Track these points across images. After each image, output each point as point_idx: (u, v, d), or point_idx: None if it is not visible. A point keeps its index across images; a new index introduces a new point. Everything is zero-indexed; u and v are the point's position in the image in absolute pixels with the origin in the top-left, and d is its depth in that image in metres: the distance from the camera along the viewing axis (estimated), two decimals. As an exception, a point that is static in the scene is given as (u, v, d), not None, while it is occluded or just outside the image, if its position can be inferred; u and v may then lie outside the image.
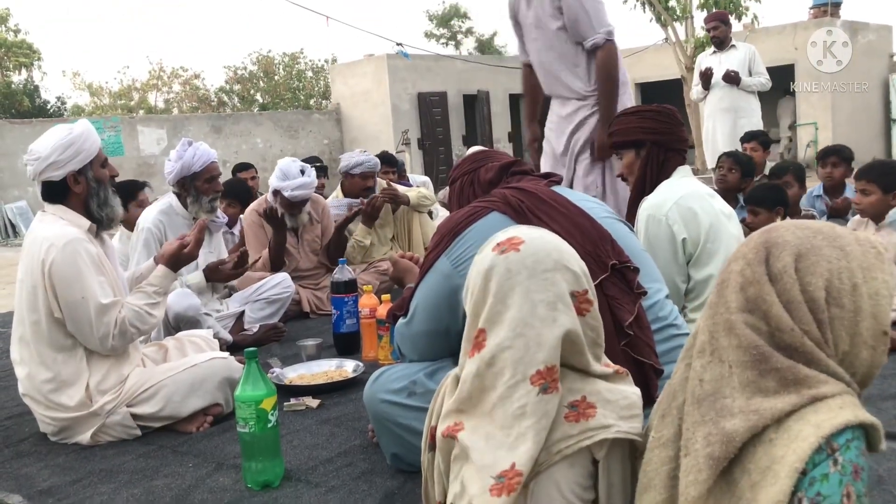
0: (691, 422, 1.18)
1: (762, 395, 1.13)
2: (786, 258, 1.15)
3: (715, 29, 6.71)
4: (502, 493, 1.25)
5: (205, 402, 2.72)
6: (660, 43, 17.88)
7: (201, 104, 27.69)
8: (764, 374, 1.13)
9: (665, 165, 2.94)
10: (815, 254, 1.15)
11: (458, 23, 31.72)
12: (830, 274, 1.13)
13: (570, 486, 1.28)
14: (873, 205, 3.56)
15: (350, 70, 18.23)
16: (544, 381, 1.27)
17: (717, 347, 1.18)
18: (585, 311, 1.32)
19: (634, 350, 1.85)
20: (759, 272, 1.16)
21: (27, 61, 23.79)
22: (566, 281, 1.31)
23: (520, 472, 1.25)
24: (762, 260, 1.17)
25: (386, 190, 5.23)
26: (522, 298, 1.29)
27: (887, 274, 1.15)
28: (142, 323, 2.65)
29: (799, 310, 1.13)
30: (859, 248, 1.16)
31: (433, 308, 2.01)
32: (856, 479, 1.06)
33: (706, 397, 1.17)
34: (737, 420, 1.12)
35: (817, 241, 1.16)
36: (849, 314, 1.13)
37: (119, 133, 15.24)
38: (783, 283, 1.14)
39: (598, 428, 1.27)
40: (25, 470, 2.49)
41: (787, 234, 1.18)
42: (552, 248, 1.34)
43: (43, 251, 2.53)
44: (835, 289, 1.13)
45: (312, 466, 2.32)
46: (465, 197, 2.23)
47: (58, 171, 2.59)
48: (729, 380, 1.16)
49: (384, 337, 3.24)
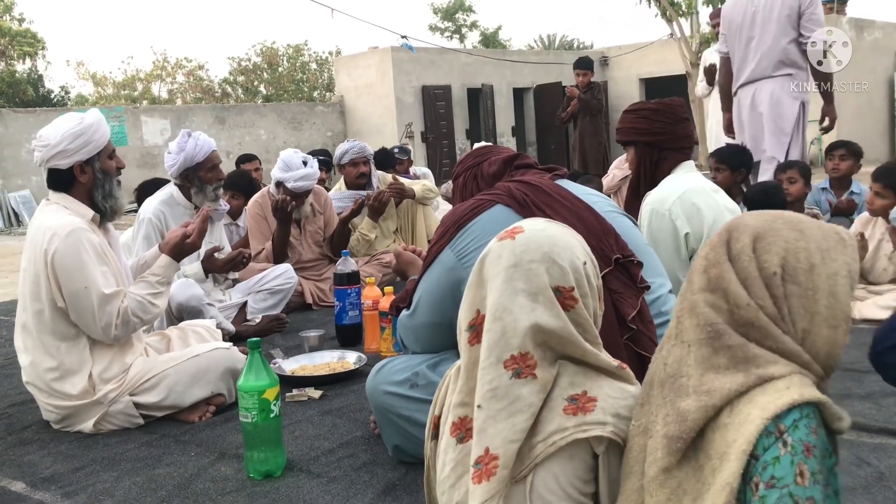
0: (655, 404, 1.23)
1: (714, 372, 1.17)
2: (744, 239, 1.20)
3: (719, 25, 6.69)
4: (482, 480, 1.25)
5: (207, 391, 2.73)
6: (665, 38, 17.84)
7: (205, 95, 27.65)
8: (717, 350, 1.17)
9: (660, 164, 2.93)
10: (773, 234, 1.19)
11: (463, 16, 31.67)
12: (787, 252, 1.17)
13: (569, 479, 1.28)
14: (885, 208, 3.64)
15: (354, 62, 18.20)
16: (517, 366, 1.29)
17: (681, 330, 1.23)
18: (570, 307, 1.33)
19: (637, 344, 1.85)
20: (720, 253, 1.21)
21: (31, 50, 23.74)
22: (550, 274, 1.32)
23: (495, 456, 1.26)
24: (724, 242, 1.22)
25: (393, 185, 5.23)
26: (504, 284, 1.32)
27: (849, 258, 1.17)
28: (144, 313, 2.66)
29: (755, 285, 1.17)
30: (820, 233, 1.19)
31: (436, 300, 2.01)
32: (808, 457, 1.07)
33: (668, 379, 1.22)
34: (690, 399, 1.16)
35: (777, 224, 1.21)
36: (806, 291, 1.16)
37: (123, 123, 15.24)
38: (741, 261, 1.19)
39: (594, 423, 1.28)
40: (28, 457, 2.50)
41: (748, 219, 1.24)
42: (546, 240, 1.36)
43: (46, 240, 2.53)
44: (791, 266, 1.16)
45: (314, 457, 2.33)
46: (468, 191, 2.23)
47: (65, 160, 2.60)
48: (687, 358, 1.20)
49: (387, 329, 3.24)
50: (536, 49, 25.71)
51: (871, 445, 2.16)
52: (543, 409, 1.30)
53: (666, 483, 1.16)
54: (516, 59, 19.24)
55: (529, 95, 19.24)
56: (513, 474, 1.27)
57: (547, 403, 1.30)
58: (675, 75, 17.23)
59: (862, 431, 2.25)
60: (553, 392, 1.31)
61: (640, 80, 19.47)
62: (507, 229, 1.41)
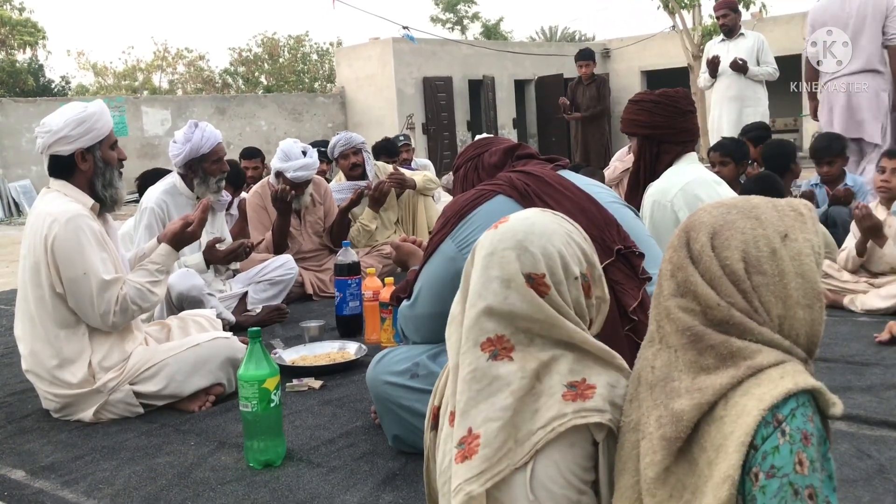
0: (646, 407, 1.23)
1: (705, 374, 1.17)
2: (702, 238, 1.20)
3: (724, 17, 6.65)
4: (465, 459, 1.26)
5: (207, 381, 2.73)
6: (667, 30, 17.78)
7: (206, 86, 27.59)
8: (702, 352, 1.18)
9: (660, 157, 2.92)
10: (729, 228, 1.18)
11: (465, 7, 31.57)
12: (745, 244, 1.16)
13: (569, 466, 1.29)
14: None
15: (355, 53, 18.14)
16: (494, 347, 1.31)
17: (664, 335, 1.23)
18: (544, 294, 1.34)
19: (638, 335, 1.85)
20: (682, 256, 1.21)
21: (32, 40, 23.68)
22: (521, 261, 1.33)
23: (477, 435, 1.26)
24: (684, 244, 1.22)
25: (393, 175, 5.21)
26: (481, 272, 1.35)
27: (810, 233, 1.17)
28: (143, 300, 2.65)
29: (721, 284, 1.17)
30: (776, 214, 1.18)
31: (437, 290, 2.01)
32: (806, 445, 1.08)
33: (657, 382, 1.22)
34: (683, 399, 1.17)
35: (731, 215, 1.20)
36: (773, 279, 1.15)
37: (123, 113, 15.20)
38: (703, 262, 1.19)
39: (593, 410, 1.29)
40: (28, 446, 2.50)
41: (703, 216, 1.22)
42: (522, 228, 1.36)
43: (46, 226, 2.53)
44: (752, 257, 1.16)
45: (314, 447, 2.33)
46: (469, 183, 2.23)
47: (67, 147, 2.60)
48: (676, 363, 1.20)
49: (387, 320, 3.24)
50: (538, 41, 25.66)
51: (871, 438, 2.16)
52: (543, 397, 1.30)
53: (667, 481, 1.17)
54: (518, 51, 19.19)
55: (531, 87, 19.20)
56: (512, 462, 1.27)
57: (546, 391, 1.30)
58: (677, 68, 17.18)
59: (863, 424, 2.25)
60: (553, 379, 1.31)
61: (641, 72, 19.42)
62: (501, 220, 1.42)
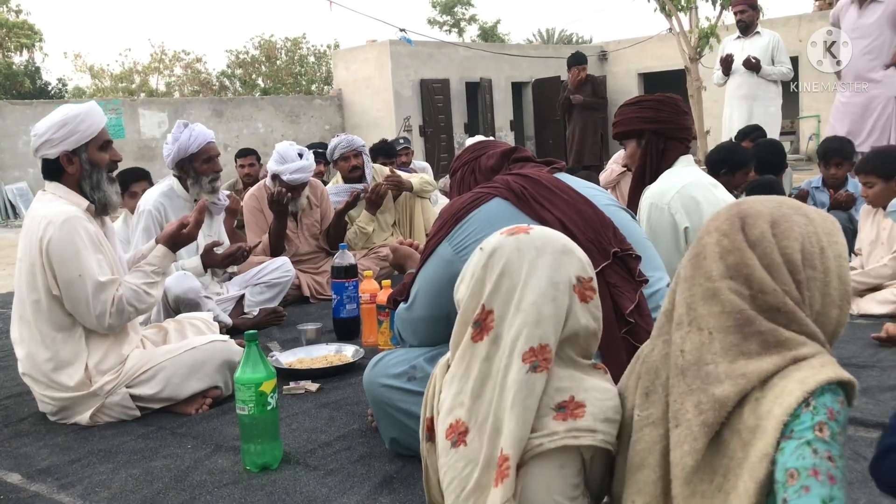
0: (678, 393, 1.22)
1: (745, 358, 1.18)
2: (762, 225, 1.22)
3: (742, 13, 6.53)
4: (498, 483, 1.25)
5: (204, 384, 2.73)
6: (664, 33, 17.78)
7: (203, 88, 27.56)
8: (747, 336, 1.19)
9: (665, 154, 2.94)
10: (787, 220, 1.22)
11: (462, 10, 31.58)
12: (803, 238, 1.20)
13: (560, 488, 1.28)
14: (878, 195, 3.60)
15: (352, 56, 18.13)
16: (535, 358, 1.29)
17: (696, 317, 1.23)
18: (588, 299, 1.33)
19: (635, 338, 1.85)
20: (737, 240, 1.22)
21: (28, 42, 23.64)
22: (572, 265, 1.33)
23: (507, 457, 1.26)
24: (738, 229, 1.23)
25: (390, 177, 5.22)
26: (528, 275, 1.31)
27: (843, 240, 1.24)
28: (139, 302, 2.65)
29: (779, 271, 1.19)
30: (819, 216, 1.24)
31: (434, 293, 2.01)
32: (829, 419, 1.11)
33: (689, 367, 1.22)
34: (725, 385, 1.17)
35: (784, 209, 1.24)
36: (820, 275, 1.20)
37: (120, 116, 15.17)
38: (763, 247, 1.21)
39: (585, 430, 1.28)
40: (24, 449, 2.49)
41: (757, 205, 1.26)
42: (560, 234, 1.38)
43: (41, 229, 2.53)
44: (807, 251, 1.20)
45: (311, 450, 2.33)
46: (466, 185, 2.23)
47: (52, 150, 2.59)
48: (710, 346, 1.21)
49: (384, 322, 3.24)
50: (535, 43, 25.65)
51: (867, 440, 2.16)
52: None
53: (699, 467, 1.18)
54: (515, 54, 19.19)
55: (528, 90, 19.21)
56: None
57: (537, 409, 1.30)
58: (673, 70, 17.19)
59: (859, 426, 2.25)
60: (541, 399, 1.30)
61: (638, 74, 19.42)
62: (509, 228, 1.40)
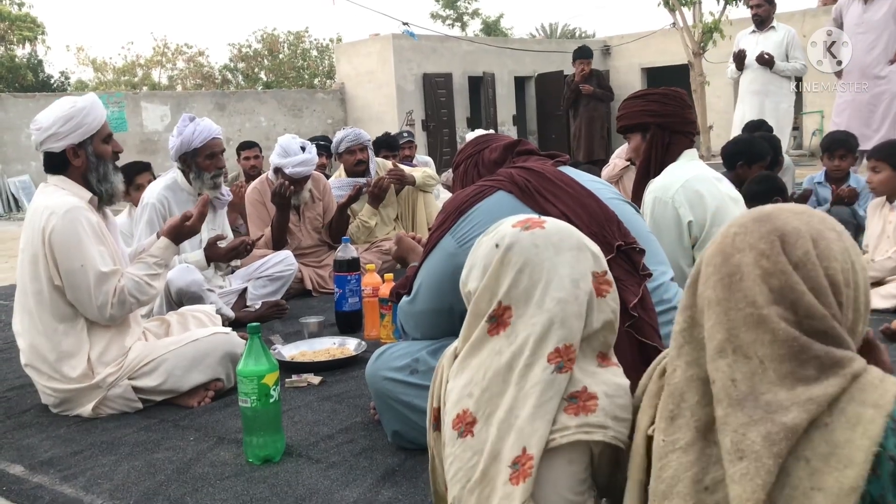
0: (738, 424, 1.14)
1: (804, 385, 1.11)
2: (805, 244, 1.14)
3: (758, 7, 6.42)
4: (520, 481, 1.24)
5: (206, 376, 2.73)
6: (667, 27, 17.74)
7: (205, 81, 27.55)
8: (804, 363, 1.12)
9: (670, 148, 2.93)
10: (824, 238, 1.14)
11: (465, 4, 31.51)
12: (842, 256, 1.14)
13: (569, 484, 1.28)
14: (883, 182, 3.56)
15: (355, 50, 18.11)
16: (560, 359, 1.26)
17: (740, 345, 1.15)
18: (605, 293, 1.32)
19: (639, 332, 1.84)
20: (781, 262, 1.13)
21: (31, 35, 23.63)
22: (588, 261, 1.31)
23: (531, 456, 1.24)
24: (780, 249, 1.14)
25: (392, 171, 5.21)
26: (549, 274, 1.29)
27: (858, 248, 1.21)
28: (141, 293, 2.65)
29: (825, 294, 1.12)
30: (842, 228, 1.19)
31: (437, 287, 2.00)
32: None
33: (745, 398, 1.14)
34: (794, 413, 1.10)
35: (816, 224, 1.16)
36: (853, 292, 1.14)
37: (123, 109, 15.18)
38: (807, 269, 1.13)
39: (596, 426, 1.26)
40: (27, 441, 2.50)
41: (793, 220, 1.16)
42: (573, 229, 1.36)
43: (44, 219, 2.53)
44: (845, 270, 1.13)
45: (313, 442, 2.33)
46: (469, 179, 2.22)
47: (58, 143, 2.59)
48: (763, 376, 1.13)
49: (386, 316, 3.24)
50: (538, 37, 25.62)
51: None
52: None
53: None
54: (518, 48, 19.15)
55: (531, 84, 19.18)
56: None
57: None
58: (677, 65, 17.15)
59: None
60: None
61: (642, 69, 19.39)
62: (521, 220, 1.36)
